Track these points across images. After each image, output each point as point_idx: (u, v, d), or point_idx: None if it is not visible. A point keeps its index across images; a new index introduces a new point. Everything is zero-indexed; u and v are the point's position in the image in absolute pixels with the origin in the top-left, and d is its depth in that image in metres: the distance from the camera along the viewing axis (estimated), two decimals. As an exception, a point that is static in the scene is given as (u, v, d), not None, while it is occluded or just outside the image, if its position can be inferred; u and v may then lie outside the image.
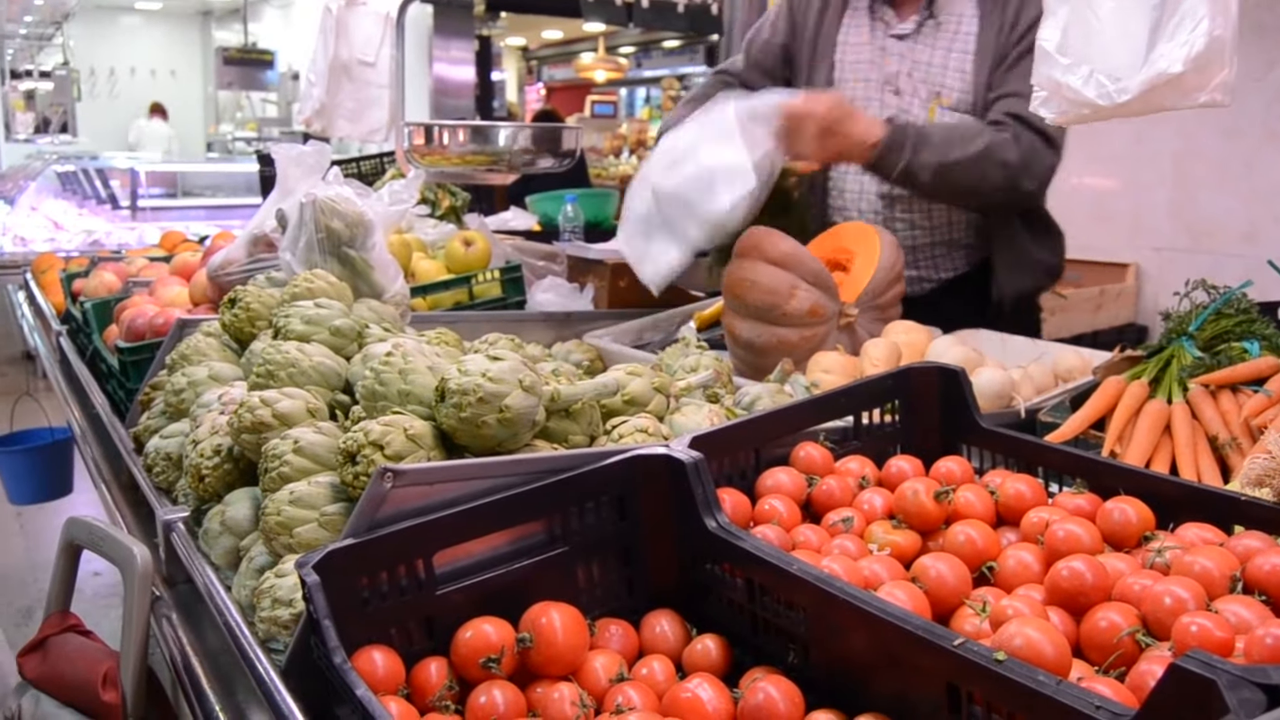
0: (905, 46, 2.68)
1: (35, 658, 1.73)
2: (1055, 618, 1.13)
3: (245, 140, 14.50)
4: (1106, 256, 5.43)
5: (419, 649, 1.22)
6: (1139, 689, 0.99)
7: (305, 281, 1.93)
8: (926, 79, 2.65)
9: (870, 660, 1.10)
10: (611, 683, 1.19)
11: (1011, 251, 2.68)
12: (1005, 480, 1.43)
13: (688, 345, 2.05)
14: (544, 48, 18.37)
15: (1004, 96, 2.55)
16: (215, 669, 1.46)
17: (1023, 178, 2.50)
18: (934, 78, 2.64)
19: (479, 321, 2.53)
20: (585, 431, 1.53)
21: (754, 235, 2.24)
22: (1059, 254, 2.81)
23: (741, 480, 1.51)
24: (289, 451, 1.44)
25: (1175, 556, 1.19)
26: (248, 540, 1.49)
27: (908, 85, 2.67)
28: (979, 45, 2.60)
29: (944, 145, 2.46)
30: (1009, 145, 2.47)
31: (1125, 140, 5.34)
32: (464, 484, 1.27)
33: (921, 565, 1.24)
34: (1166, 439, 1.75)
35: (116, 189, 9.20)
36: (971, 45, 2.61)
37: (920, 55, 2.66)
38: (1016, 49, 2.55)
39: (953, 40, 2.64)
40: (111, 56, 16.70)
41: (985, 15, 2.61)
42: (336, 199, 2.10)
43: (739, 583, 1.26)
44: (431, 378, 1.46)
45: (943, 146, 2.46)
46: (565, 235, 4.16)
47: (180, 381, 1.89)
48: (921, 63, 2.66)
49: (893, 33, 2.70)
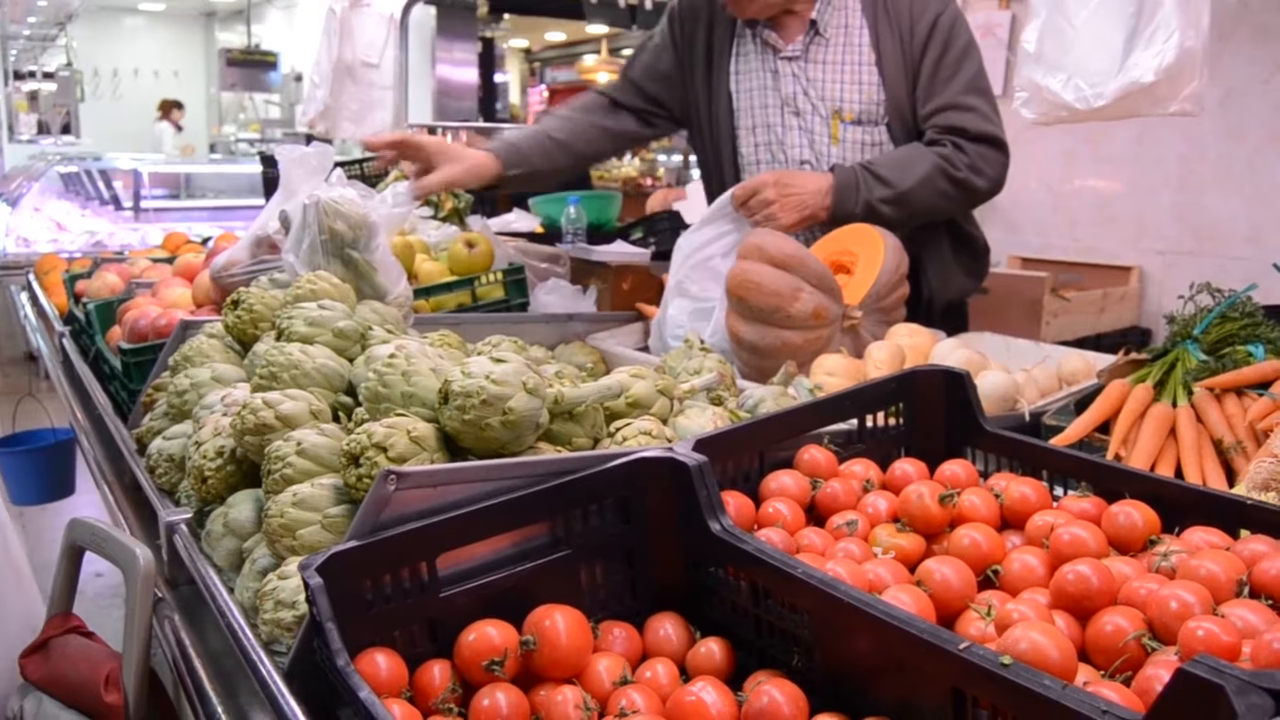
0: (796, 67, 2.72)
1: (37, 659, 1.73)
2: (1060, 622, 1.13)
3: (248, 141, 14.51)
4: (1110, 259, 5.43)
5: (422, 651, 1.21)
6: (1145, 694, 0.98)
7: (308, 283, 1.93)
8: (824, 95, 2.70)
9: (875, 664, 1.10)
10: (615, 685, 1.19)
11: (937, 260, 2.76)
12: (1010, 484, 1.43)
13: (691, 348, 2.05)
14: (547, 50, 18.36)
15: (936, 112, 2.59)
16: (218, 671, 1.45)
17: (975, 181, 2.56)
18: (831, 93, 2.69)
19: (482, 323, 2.52)
20: (589, 434, 1.53)
21: (757, 236, 2.24)
22: (980, 264, 2.89)
23: (745, 483, 1.50)
24: (292, 453, 1.43)
25: (1181, 561, 1.18)
26: (250, 542, 1.49)
27: (805, 104, 2.72)
28: (879, 55, 2.64)
29: (895, 176, 2.52)
30: (954, 158, 2.53)
31: (1129, 143, 5.34)
32: (467, 486, 1.27)
33: (926, 569, 1.24)
34: (1171, 442, 1.74)
35: (119, 190, 9.19)
36: (868, 56, 2.65)
37: (813, 73, 2.70)
38: (926, 58, 2.59)
39: (844, 53, 2.67)
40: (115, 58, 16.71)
41: (875, 24, 2.65)
42: (340, 200, 2.10)
43: (743, 585, 1.25)
44: (435, 380, 1.46)
45: (893, 177, 2.52)
46: (568, 237, 4.16)
47: (183, 383, 1.88)
48: (816, 80, 2.70)
49: (782, 55, 2.74)
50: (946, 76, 2.56)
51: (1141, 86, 1.73)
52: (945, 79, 2.56)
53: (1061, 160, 5.64)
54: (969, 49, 2.59)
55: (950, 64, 2.56)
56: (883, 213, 2.52)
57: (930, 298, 2.73)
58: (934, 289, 2.72)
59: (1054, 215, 5.74)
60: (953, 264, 2.77)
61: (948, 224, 2.76)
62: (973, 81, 2.57)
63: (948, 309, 2.75)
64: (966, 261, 2.81)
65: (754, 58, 2.79)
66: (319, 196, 2.09)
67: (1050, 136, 5.52)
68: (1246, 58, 4.84)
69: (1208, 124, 4.97)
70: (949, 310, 2.75)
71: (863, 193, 2.51)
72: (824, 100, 2.69)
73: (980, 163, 2.54)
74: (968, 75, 2.57)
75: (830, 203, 2.53)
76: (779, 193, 2.49)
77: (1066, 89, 1.80)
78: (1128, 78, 1.74)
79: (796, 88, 2.72)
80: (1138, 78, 1.72)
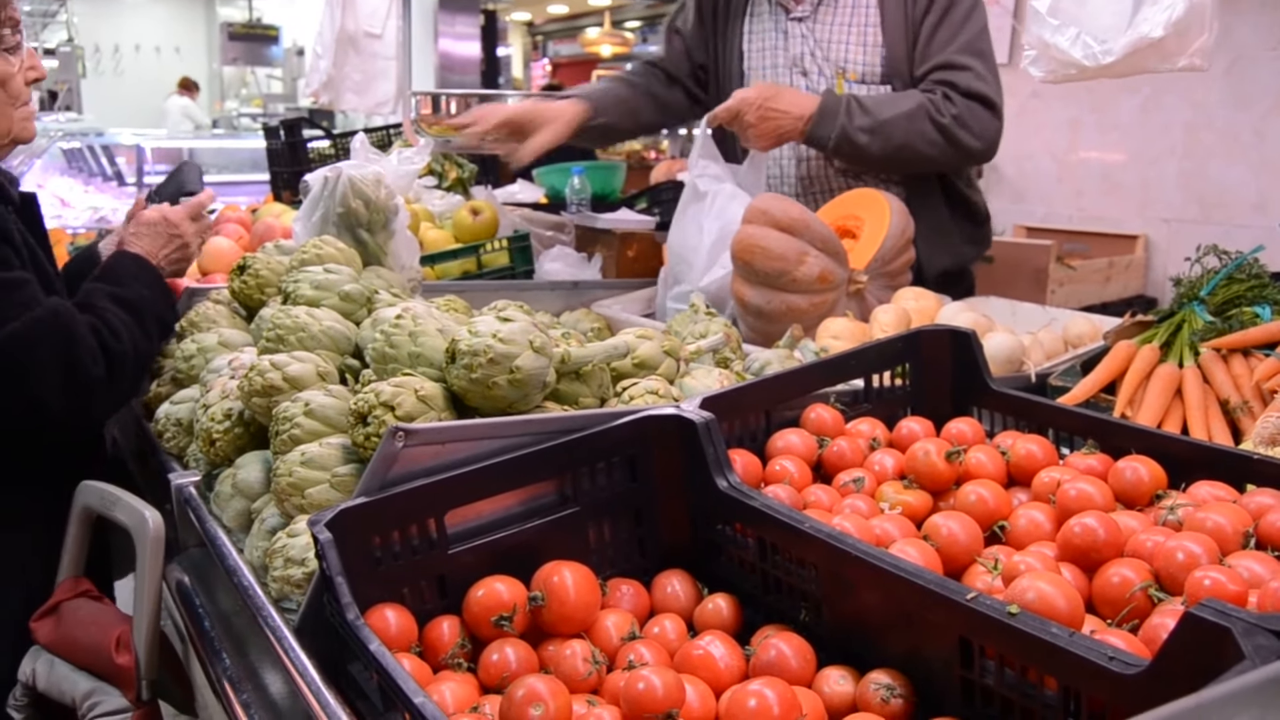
0: (805, 28, 2.75)
1: (49, 622, 1.74)
2: (1067, 574, 1.13)
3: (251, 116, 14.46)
4: (1115, 228, 5.40)
5: (431, 608, 1.22)
6: (1152, 642, 0.99)
7: (314, 248, 1.93)
8: (830, 56, 2.71)
9: (882, 617, 1.10)
10: (623, 641, 1.19)
11: (933, 228, 2.73)
12: (1016, 441, 1.43)
13: (696, 311, 2.05)
14: (549, 22, 18.27)
15: (931, 70, 2.59)
16: (228, 630, 1.46)
17: (960, 133, 2.54)
18: (837, 54, 2.70)
19: (487, 290, 2.52)
20: (596, 394, 1.53)
21: (763, 201, 2.23)
22: (980, 231, 2.88)
23: (752, 442, 1.51)
24: (300, 414, 1.44)
25: (1187, 514, 1.19)
26: (259, 502, 1.50)
27: (812, 65, 2.74)
28: (882, 16, 2.66)
29: (877, 108, 2.53)
30: (941, 103, 2.53)
31: (1134, 110, 5.31)
32: (475, 444, 1.27)
33: (933, 524, 1.24)
34: (1178, 402, 1.74)
35: (122, 166, 9.18)
36: (874, 17, 2.67)
37: (821, 34, 2.73)
38: (928, 18, 2.60)
39: (851, 15, 2.70)
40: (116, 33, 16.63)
41: None
42: (365, 180, 2.08)
43: (750, 542, 1.26)
44: (441, 340, 1.46)
45: (876, 109, 2.53)
46: (572, 207, 4.14)
47: (190, 348, 1.89)
48: (824, 41, 2.72)
49: (792, 16, 2.76)
50: (946, 37, 2.56)
51: (1150, 42, 1.72)
52: (944, 40, 2.56)
53: (1067, 128, 5.61)
54: (973, 12, 2.58)
55: (951, 25, 2.56)
56: (859, 141, 2.52)
57: (921, 264, 2.71)
58: (925, 255, 2.71)
59: (1059, 184, 5.71)
60: (951, 229, 2.75)
61: (944, 188, 2.74)
62: (972, 43, 2.56)
63: (944, 276, 2.72)
64: (966, 228, 2.80)
65: (767, 18, 2.82)
66: (343, 171, 2.08)
67: (1055, 105, 5.50)
68: (1253, 24, 4.81)
69: (1214, 91, 4.94)
70: (946, 278, 2.72)
71: (841, 119, 2.51)
72: (829, 60, 2.70)
73: (968, 116, 2.53)
74: (967, 37, 2.56)
75: (807, 128, 2.55)
76: (759, 116, 2.53)
77: (1075, 46, 1.80)
78: (1136, 33, 1.73)
79: (804, 48, 2.73)
80: (1147, 33, 1.71)
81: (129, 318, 1.87)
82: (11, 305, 1.69)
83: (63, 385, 1.71)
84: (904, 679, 1.07)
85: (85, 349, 1.73)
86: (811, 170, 2.79)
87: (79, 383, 1.72)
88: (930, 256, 2.71)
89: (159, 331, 1.98)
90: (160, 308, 2.00)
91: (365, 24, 4.50)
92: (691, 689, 1.06)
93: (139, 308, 1.91)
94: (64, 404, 1.73)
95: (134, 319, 1.88)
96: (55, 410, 1.72)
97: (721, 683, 1.10)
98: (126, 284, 1.96)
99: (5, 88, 1.89)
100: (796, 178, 2.82)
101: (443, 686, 1.10)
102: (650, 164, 9.50)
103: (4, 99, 1.90)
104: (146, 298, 1.96)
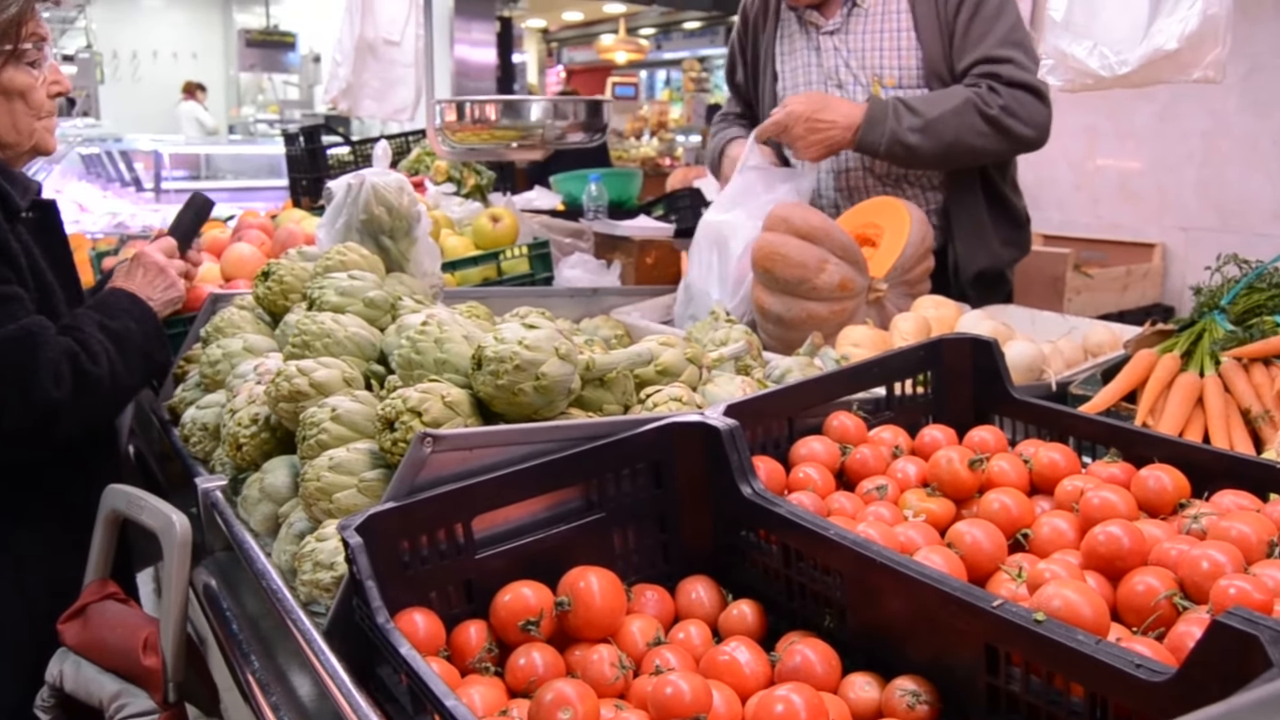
0: (838, 40, 2.76)
1: (76, 624, 1.76)
2: (1092, 582, 1.13)
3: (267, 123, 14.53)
4: (1133, 236, 5.38)
5: (458, 612, 1.23)
6: (1177, 650, 0.99)
7: (338, 254, 1.94)
8: (865, 64, 2.72)
9: (907, 624, 1.11)
10: (648, 646, 1.20)
11: (972, 228, 2.73)
12: (1039, 449, 1.43)
13: (716, 319, 2.06)
14: (564, 29, 18.32)
15: (972, 66, 2.59)
16: (255, 633, 1.48)
17: (1010, 122, 2.53)
18: (871, 62, 2.71)
19: (508, 297, 2.54)
20: (619, 400, 1.54)
21: (783, 209, 2.24)
22: (1019, 235, 2.86)
23: (775, 450, 1.51)
24: (327, 419, 1.45)
25: (1211, 523, 1.19)
26: (286, 506, 1.51)
27: (848, 76, 2.75)
28: (915, 19, 2.66)
29: (924, 107, 2.53)
30: (988, 95, 2.53)
31: (1152, 118, 5.29)
32: (502, 450, 1.28)
33: (957, 531, 1.25)
34: (1199, 412, 1.74)
35: (140, 171, 9.23)
36: (906, 21, 2.67)
37: (854, 44, 2.74)
38: (960, 15, 2.60)
39: (883, 22, 2.70)
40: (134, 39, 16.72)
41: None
42: (388, 187, 2.09)
43: (774, 548, 1.27)
44: (467, 347, 1.47)
45: (923, 109, 2.53)
46: (590, 214, 4.16)
47: (215, 353, 1.91)
48: (857, 50, 2.73)
49: (823, 30, 2.78)
50: (981, 32, 2.56)
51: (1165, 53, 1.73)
52: (979, 35, 2.56)
53: (1084, 136, 5.60)
54: (1004, 5, 2.58)
55: (984, 20, 2.57)
56: (910, 142, 2.52)
57: (958, 263, 2.71)
58: (963, 254, 2.70)
59: (1076, 192, 5.70)
60: (989, 230, 2.74)
61: (985, 187, 2.73)
62: (1008, 35, 2.56)
63: (980, 278, 2.72)
64: (1004, 230, 2.78)
65: (798, 37, 2.84)
66: (366, 178, 2.10)
67: (1072, 112, 5.48)
68: (1270, 32, 4.80)
69: (1232, 99, 4.93)
70: (982, 279, 2.72)
71: (890, 123, 2.51)
72: (864, 69, 2.71)
73: (1015, 105, 2.52)
74: (1002, 30, 2.56)
75: (856, 136, 2.55)
76: (807, 129, 2.55)
77: (1091, 56, 1.80)
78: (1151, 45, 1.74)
79: (838, 60, 2.74)
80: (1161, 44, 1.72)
81: (112, 346, 1.89)
82: None
83: (21, 403, 1.74)
84: (929, 685, 1.07)
85: (49, 370, 1.75)
86: (851, 181, 2.80)
87: (37, 402, 1.74)
88: (968, 257, 2.71)
89: (143, 366, 1.99)
90: (148, 344, 2.02)
91: (384, 31, 4.52)
92: (718, 694, 1.07)
93: (123, 338, 1.94)
94: (21, 423, 1.75)
95: (117, 348, 1.90)
96: (11, 428, 1.75)
97: (747, 688, 1.11)
98: (116, 316, 2.00)
99: (27, 99, 1.93)
100: (835, 189, 2.83)
101: (471, 690, 1.12)
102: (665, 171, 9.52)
103: (25, 110, 1.94)
104: (134, 330, 1.99)
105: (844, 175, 2.79)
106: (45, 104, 1.99)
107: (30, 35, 1.91)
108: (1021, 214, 2.85)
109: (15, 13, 1.84)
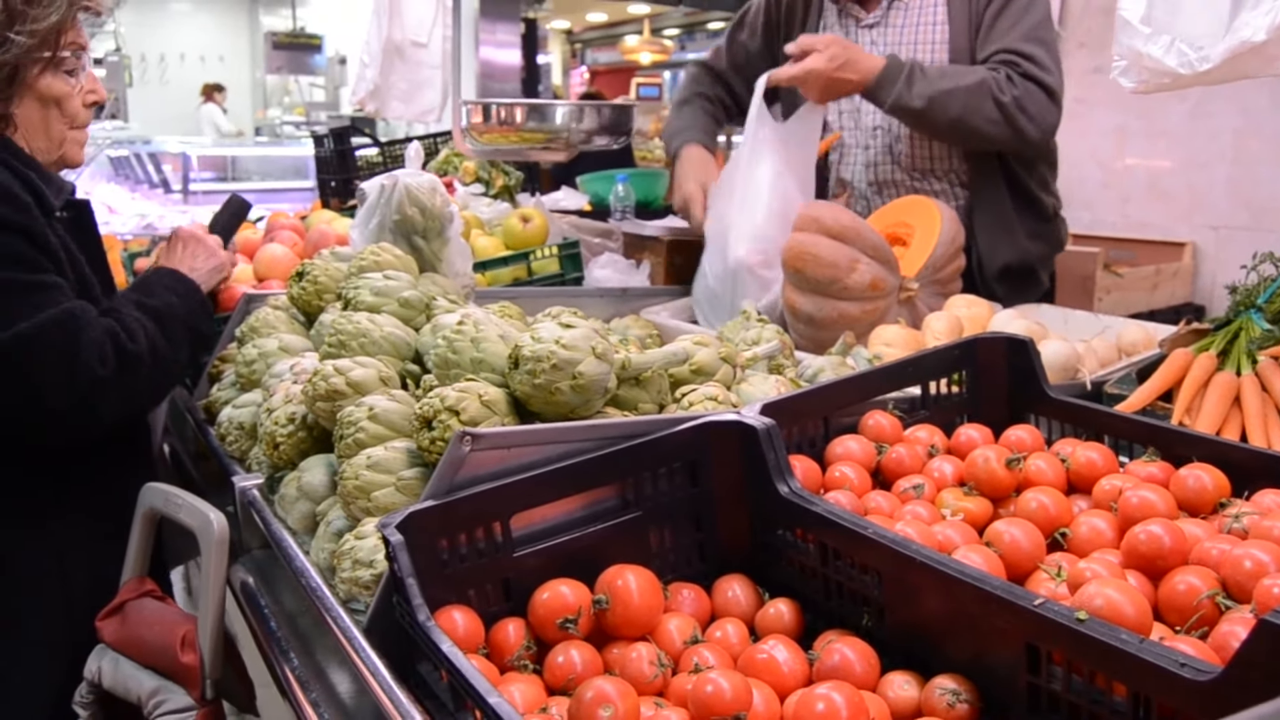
0: (876, 34, 2.77)
1: (114, 621, 1.77)
2: (1133, 581, 1.13)
3: (293, 125, 14.60)
4: (1163, 235, 5.34)
5: (496, 610, 1.24)
6: (1221, 649, 0.99)
7: (372, 255, 1.95)
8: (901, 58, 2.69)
9: (946, 622, 1.11)
10: (686, 645, 1.21)
11: (994, 220, 2.71)
12: (1076, 449, 1.43)
13: (748, 319, 2.06)
14: (588, 30, 18.32)
15: (994, 54, 2.58)
16: (293, 630, 1.49)
17: (1019, 116, 2.52)
18: (906, 54, 2.70)
19: (538, 297, 2.54)
20: (655, 399, 1.54)
21: (814, 208, 2.24)
22: (1047, 228, 2.83)
23: (810, 448, 1.52)
24: (364, 418, 1.46)
25: (1253, 522, 1.18)
26: (324, 505, 1.52)
27: None
28: (949, 12, 2.68)
29: (938, 78, 2.53)
30: (1003, 83, 2.51)
31: (1182, 117, 5.25)
32: (540, 448, 1.29)
33: (995, 530, 1.24)
34: (1235, 410, 1.73)
35: (169, 173, 9.31)
36: (941, 14, 2.69)
37: (891, 38, 2.75)
38: (989, 9, 2.61)
39: (920, 15, 2.72)
40: (162, 43, 16.86)
41: None
42: (420, 188, 2.10)
43: (811, 547, 1.27)
44: (503, 346, 1.48)
45: (937, 79, 2.52)
46: (617, 214, 4.17)
47: (251, 353, 1.92)
48: (894, 44, 2.74)
49: (863, 24, 2.79)
50: (1006, 26, 2.56)
51: (1251, 46, 1.69)
52: (1006, 27, 2.56)
53: (1113, 135, 5.57)
54: (1035, 1, 2.58)
55: (1013, 13, 2.57)
56: (913, 107, 2.51)
57: (980, 257, 2.69)
58: (985, 248, 2.68)
59: (1106, 190, 5.66)
60: (1014, 223, 2.72)
61: (1009, 182, 2.71)
62: (1033, 31, 2.56)
63: (1006, 272, 2.70)
64: (1029, 222, 2.75)
65: (836, 29, 2.84)
66: (399, 179, 2.11)
67: (1102, 112, 5.45)
68: (1304, 29, 4.75)
69: (1264, 97, 4.88)
70: (1009, 274, 2.69)
71: (899, 86, 2.50)
72: None
73: (1027, 100, 2.51)
74: (1029, 25, 2.56)
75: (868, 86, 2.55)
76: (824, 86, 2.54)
77: (1169, 54, 1.76)
78: (1236, 38, 1.70)
79: (874, 54, 2.72)
80: (1248, 37, 1.68)
81: (151, 323, 1.90)
82: (28, 306, 1.73)
83: (67, 384, 1.74)
84: (969, 684, 1.07)
85: (92, 349, 1.76)
86: (879, 175, 2.81)
87: (83, 381, 1.75)
88: (991, 250, 2.69)
89: (188, 338, 2.01)
90: (192, 316, 2.04)
91: (411, 34, 4.54)
92: (757, 693, 1.07)
93: (163, 314, 1.95)
94: (68, 402, 1.76)
95: (156, 324, 1.91)
96: (58, 408, 1.75)
97: (785, 687, 1.11)
98: (156, 293, 2.01)
99: (62, 107, 1.94)
100: (867, 183, 2.84)
101: (511, 687, 1.12)
102: (690, 171, 9.48)
103: (59, 117, 1.95)
104: (176, 304, 2.01)
105: (874, 168, 2.81)
106: (80, 113, 2.00)
107: (70, 44, 1.92)
108: (1049, 208, 2.82)
109: (56, 20, 1.85)
